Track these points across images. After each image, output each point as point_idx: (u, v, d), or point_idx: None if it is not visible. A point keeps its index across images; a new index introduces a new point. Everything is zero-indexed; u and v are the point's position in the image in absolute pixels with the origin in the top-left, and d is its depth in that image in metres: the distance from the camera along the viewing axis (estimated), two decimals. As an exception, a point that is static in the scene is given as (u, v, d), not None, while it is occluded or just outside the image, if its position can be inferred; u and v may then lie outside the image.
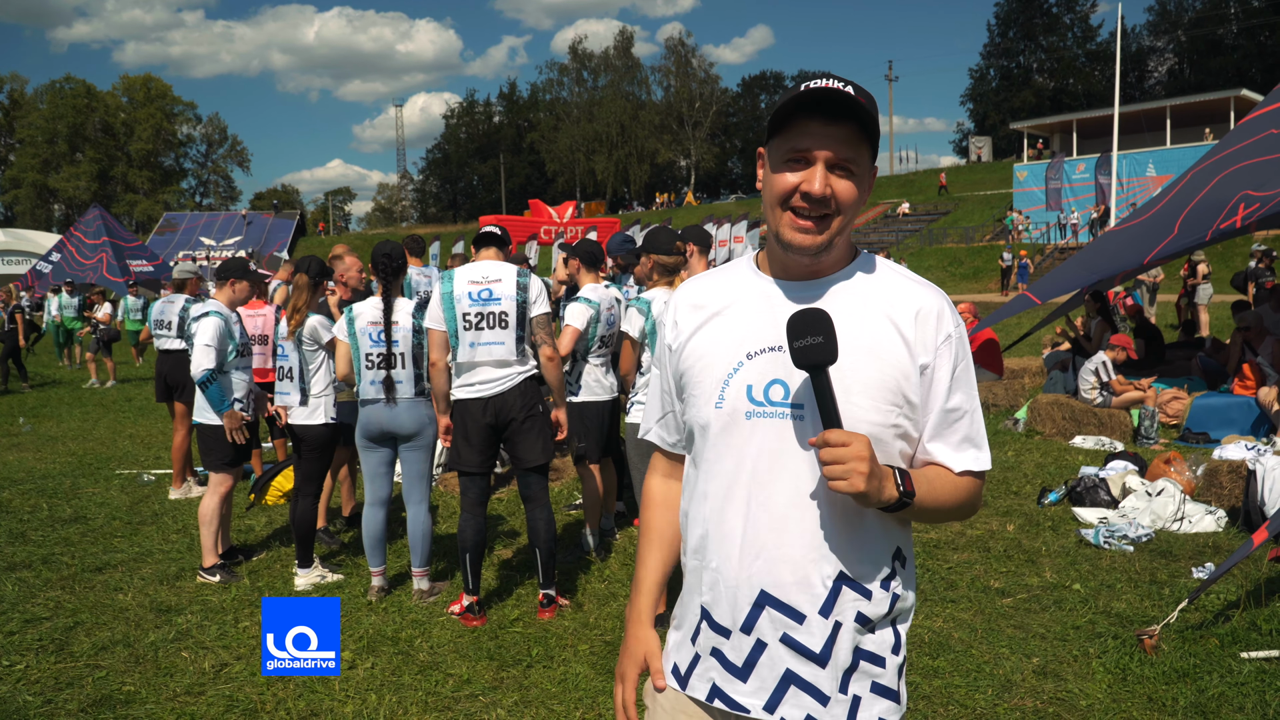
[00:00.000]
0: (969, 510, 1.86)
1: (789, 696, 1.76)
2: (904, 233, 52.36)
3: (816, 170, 1.70)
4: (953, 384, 1.77)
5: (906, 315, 1.76)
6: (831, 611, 1.74)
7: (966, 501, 1.83)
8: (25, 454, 10.59)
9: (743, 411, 1.78)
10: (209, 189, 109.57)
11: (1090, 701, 4.12)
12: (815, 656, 1.75)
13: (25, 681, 4.57)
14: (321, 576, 5.87)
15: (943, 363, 1.76)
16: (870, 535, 1.76)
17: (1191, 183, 9.43)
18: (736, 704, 1.81)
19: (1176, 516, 6.50)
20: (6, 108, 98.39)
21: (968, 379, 1.81)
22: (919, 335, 1.75)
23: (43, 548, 6.75)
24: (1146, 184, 38.92)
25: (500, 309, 5.06)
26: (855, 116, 1.67)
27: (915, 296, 1.78)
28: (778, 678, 1.77)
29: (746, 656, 1.79)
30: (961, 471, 1.80)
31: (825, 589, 1.74)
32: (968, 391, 1.80)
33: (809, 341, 1.65)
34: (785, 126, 1.72)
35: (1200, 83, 69.29)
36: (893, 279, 1.82)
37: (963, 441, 1.80)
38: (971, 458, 1.80)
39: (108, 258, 35.37)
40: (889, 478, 1.66)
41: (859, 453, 1.59)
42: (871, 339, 1.74)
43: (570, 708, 4.20)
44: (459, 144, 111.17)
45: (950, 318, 1.79)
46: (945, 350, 1.77)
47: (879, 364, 1.73)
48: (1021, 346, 15.47)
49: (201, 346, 5.77)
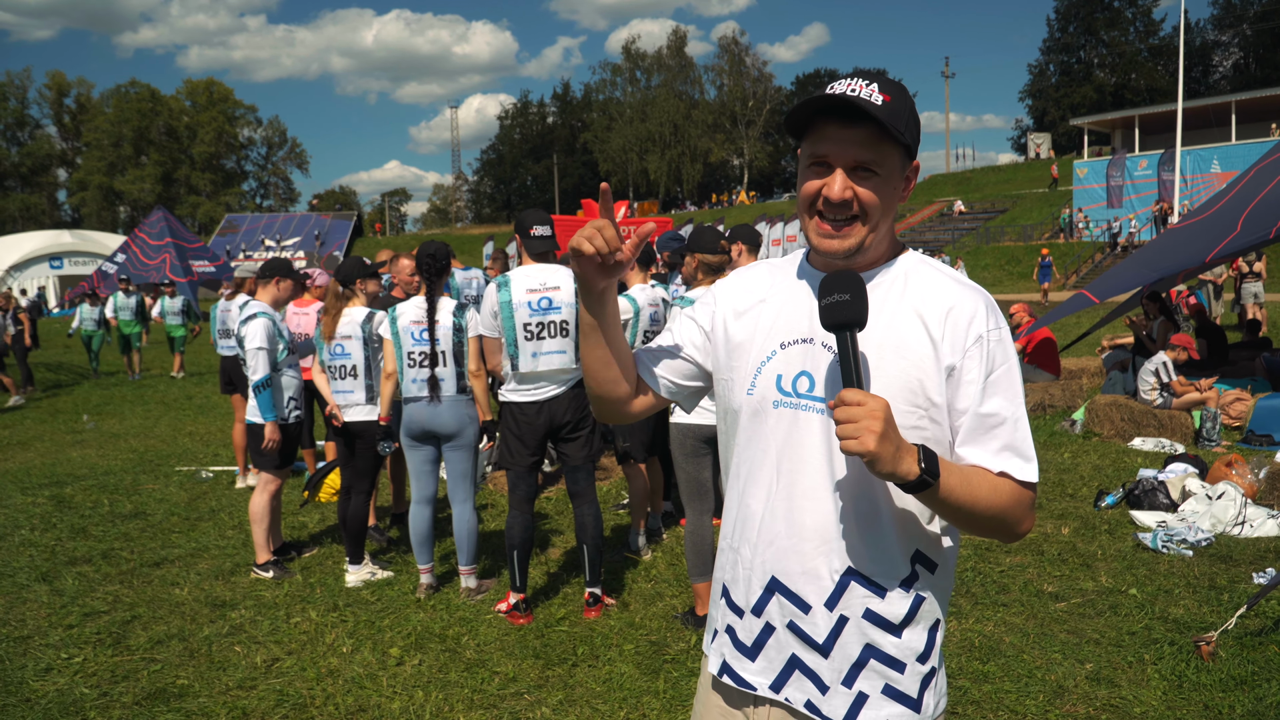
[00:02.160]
0: (1014, 524, 1.72)
1: (793, 679, 1.79)
2: (960, 231, 51.73)
3: (836, 176, 1.68)
4: (987, 388, 1.70)
5: (937, 314, 1.72)
6: (837, 605, 1.74)
7: (1009, 510, 1.69)
8: (88, 450, 10.84)
9: (771, 400, 1.79)
10: (269, 190, 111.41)
11: (1145, 709, 4.03)
12: (818, 646, 1.75)
13: (83, 674, 4.67)
14: (372, 573, 5.94)
15: (972, 364, 1.69)
16: (885, 534, 1.73)
17: (1255, 179, 9.22)
18: (744, 680, 1.84)
19: (1237, 520, 6.34)
20: (74, 112, 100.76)
21: (1008, 384, 1.71)
22: (948, 335, 1.70)
23: (103, 543, 6.91)
24: (1211, 181, 38.08)
25: (561, 318, 5.05)
26: (872, 117, 1.64)
27: (950, 295, 1.74)
28: (784, 660, 1.79)
29: (756, 638, 1.82)
30: (1000, 472, 1.69)
31: (832, 582, 1.73)
32: (1008, 397, 1.71)
33: (835, 299, 1.63)
34: (808, 131, 1.72)
35: (1266, 77, 67.70)
36: (930, 277, 1.78)
37: (1003, 449, 1.70)
38: (1014, 465, 1.69)
39: (171, 258, 36.16)
40: (910, 451, 1.56)
41: (872, 411, 1.52)
42: (897, 336, 1.71)
43: (615, 707, 4.20)
44: (513, 145, 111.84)
45: (986, 319, 1.71)
46: (976, 351, 1.69)
47: (901, 362, 1.70)
48: (1079, 346, 15.21)
49: (254, 350, 5.87)
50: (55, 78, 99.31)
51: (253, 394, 5.96)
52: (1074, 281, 37.12)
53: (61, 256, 53.87)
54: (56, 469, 9.76)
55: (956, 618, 5.08)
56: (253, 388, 5.91)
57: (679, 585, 5.69)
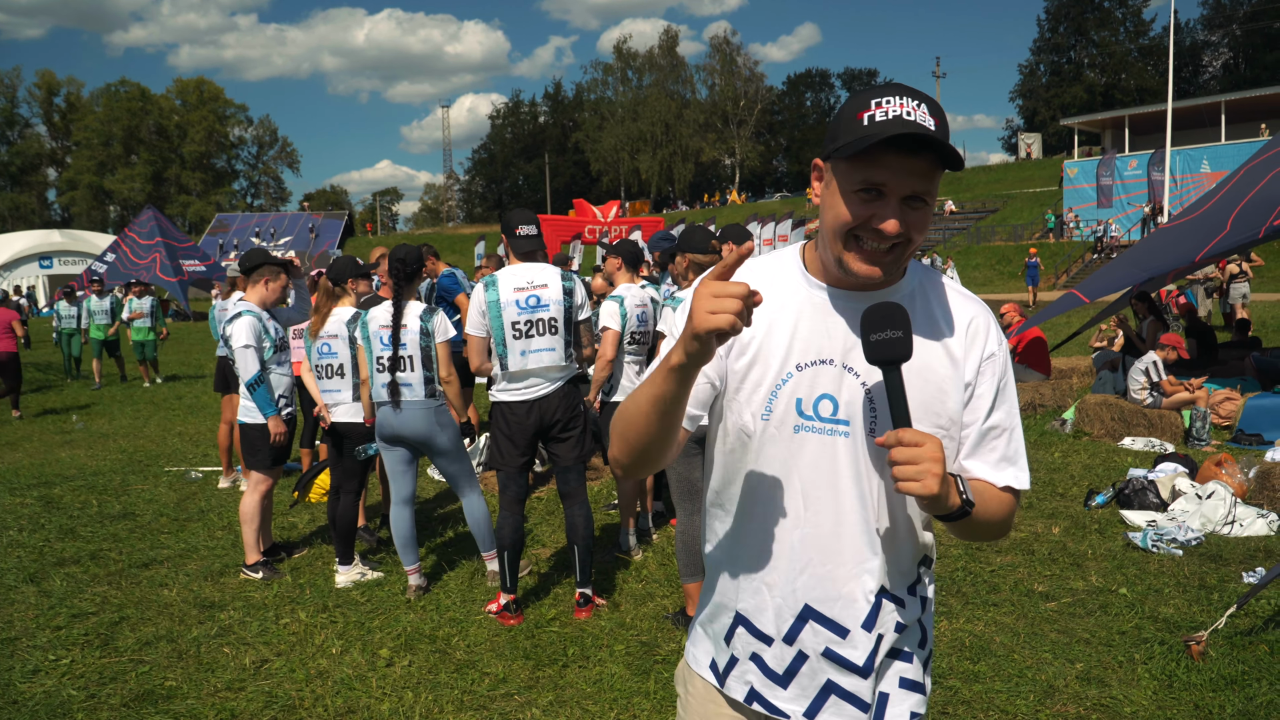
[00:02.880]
0: (1007, 529, 1.81)
1: (829, 705, 1.77)
2: (951, 230, 51.80)
3: (892, 206, 1.59)
4: (995, 402, 1.74)
5: (957, 333, 1.73)
6: (875, 625, 1.74)
7: (1008, 518, 1.78)
8: (77, 451, 10.79)
9: (791, 425, 1.73)
10: (260, 190, 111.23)
11: (1135, 709, 4.03)
12: (859, 669, 1.75)
13: (70, 676, 4.65)
14: (362, 574, 5.92)
15: (985, 380, 1.73)
16: (905, 548, 1.77)
17: (1245, 178, 9.24)
18: (776, 709, 1.81)
19: (1227, 519, 6.36)
20: (64, 111, 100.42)
21: (1008, 395, 1.77)
22: (966, 354, 1.72)
23: (91, 543, 6.87)
24: (1201, 181, 38.22)
25: (549, 315, 5.04)
26: (934, 148, 1.56)
27: (964, 312, 1.76)
28: (818, 687, 1.77)
29: (788, 666, 1.79)
30: (1004, 487, 1.76)
31: (868, 604, 1.74)
32: (1008, 409, 1.76)
33: (888, 335, 1.57)
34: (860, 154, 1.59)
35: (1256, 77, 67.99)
36: (944, 293, 1.78)
37: (1001, 460, 1.76)
38: (1011, 475, 1.76)
39: (161, 258, 35.96)
40: (954, 485, 1.61)
41: (933, 454, 1.52)
42: (922, 360, 1.68)
43: (605, 708, 4.19)
44: (504, 144, 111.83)
45: (995, 335, 1.76)
46: (989, 368, 1.74)
47: (924, 384, 1.69)
48: (1070, 346, 15.25)
49: (241, 349, 5.84)
50: (45, 76, 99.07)
51: (247, 393, 5.93)
52: (1064, 281, 37.23)
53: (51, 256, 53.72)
54: (45, 469, 9.71)
55: (947, 618, 5.08)
56: (246, 386, 5.88)
57: (670, 585, 5.68)
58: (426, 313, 5.46)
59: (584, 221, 30.38)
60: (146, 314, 16.97)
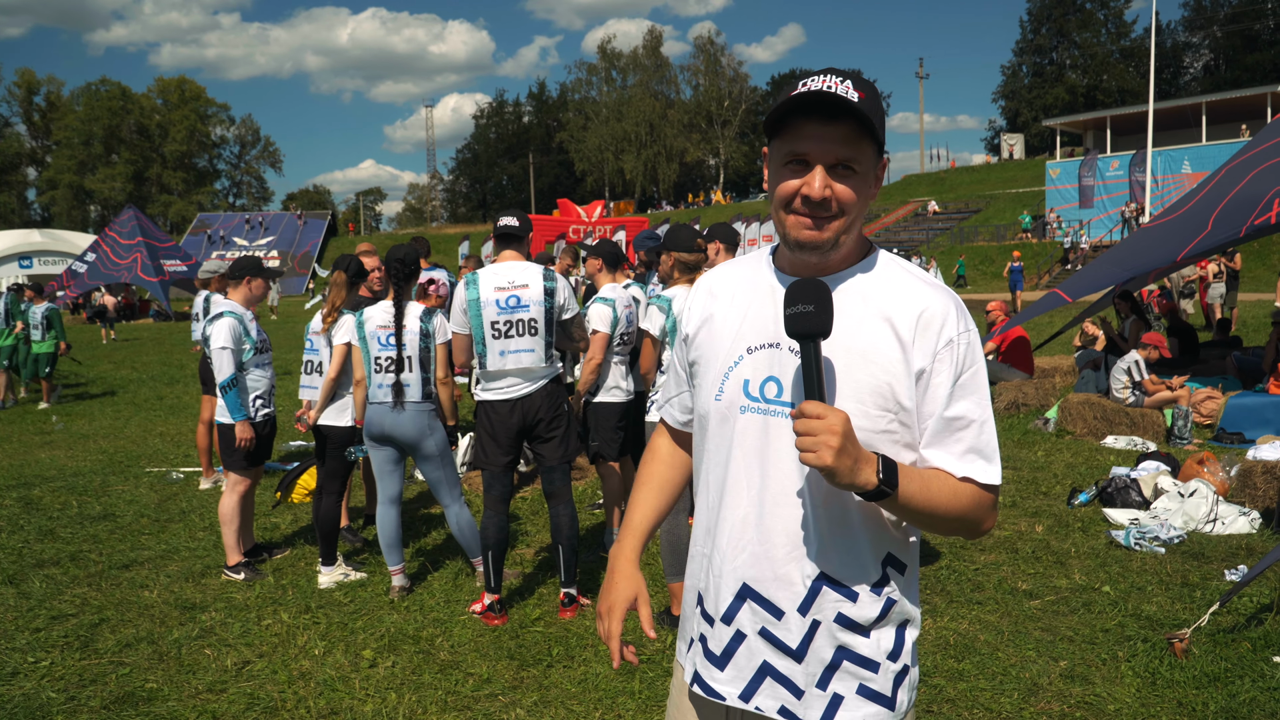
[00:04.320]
0: (974, 524, 1.74)
1: (764, 687, 1.78)
2: (935, 231, 52.02)
3: (816, 174, 1.65)
4: (955, 391, 1.68)
5: (907, 318, 1.69)
6: (810, 610, 1.73)
7: (970, 512, 1.71)
8: (57, 451, 10.70)
9: (738, 405, 1.78)
10: (242, 190, 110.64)
11: (1119, 706, 4.04)
12: (791, 652, 1.75)
13: (50, 678, 4.60)
14: (345, 574, 5.88)
15: (942, 368, 1.68)
16: (857, 538, 1.73)
17: (1226, 178, 9.29)
18: (713, 690, 1.83)
19: (1209, 518, 6.39)
20: (43, 110, 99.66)
21: (975, 386, 1.70)
22: (918, 339, 1.68)
23: (71, 545, 6.81)
24: (1182, 181, 38.44)
25: (529, 315, 5.02)
26: (852, 114, 1.62)
27: (920, 298, 1.71)
28: (754, 669, 1.78)
29: (725, 646, 1.81)
30: (963, 477, 1.70)
31: (804, 588, 1.73)
32: (976, 400, 1.70)
33: (800, 309, 1.62)
34: (783, 128, 1.69)
35: (1236, 79, 68.50)
36: (900, 279, 1.75)
37: (968, 452, 1.70)
38: (978, 469, 1.70)
39: (142, 258, 35.79)
40: (869, 462, 1.57)
41: (831, 425, 1.52)
42: (866, 341, 1.69)
43: (590, 708, 4.17)
44: (489, 144, 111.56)
45: (957, 322, 1.70)
46: (946, 355, 1.68)
47: (870, 367, 1.68)
48: (1053, 345, 15.32)
49: (218, 350, 5.80)
50: (25, 75, 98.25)
51: (219, 394, 5.90)
52: (1046, 281, 37.38)
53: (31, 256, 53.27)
54: (24, 470, 9.62)
55: (931, 616, 5.09)
56: (219, 388, 5.84)
57: (655, 585, 5.66)
58: (426, 314, 5.43)
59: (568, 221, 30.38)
60: (39, 324, 14.08)
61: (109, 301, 34.84)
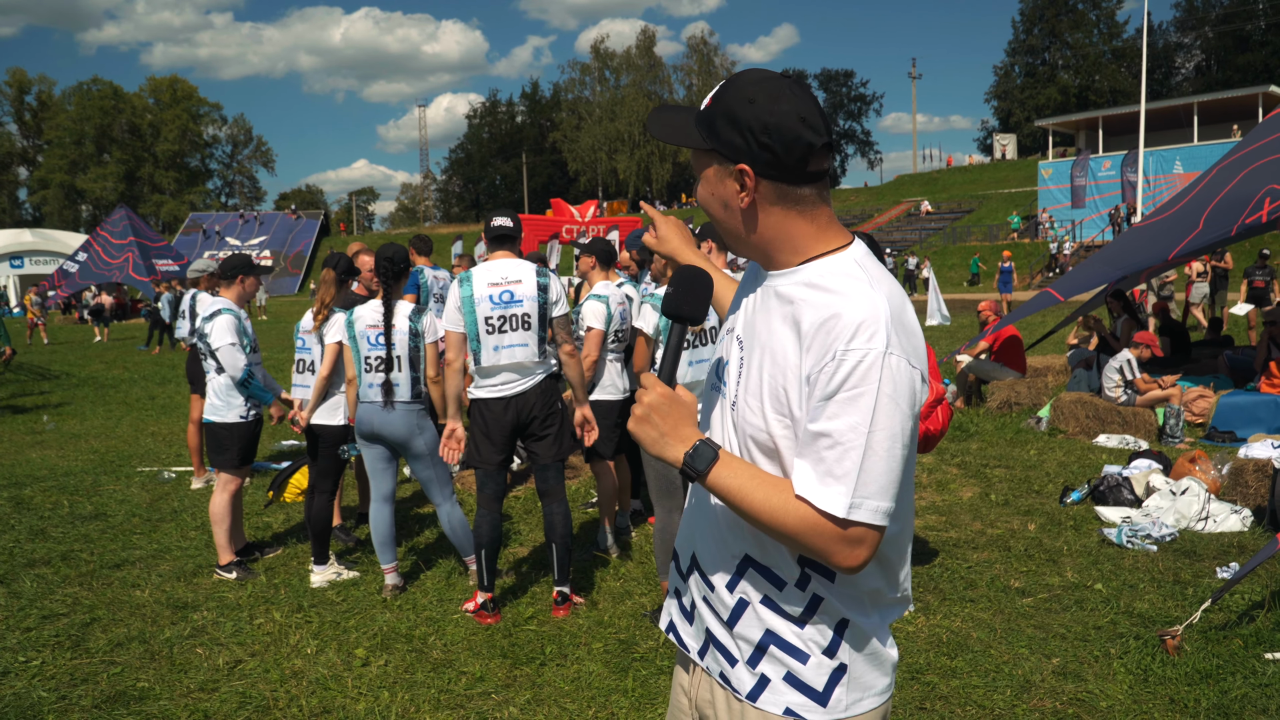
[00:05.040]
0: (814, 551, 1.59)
1: (710, 651, 1.84)
2: (928, 231, 52.12)
3: None
4: (829, 405, 1.55)
5: (813, 321, 1.60)
6: (736, 588, 1.77)
7: (799, 534, 1.57)
8: (48, 451, 10.66)
9: (708, 384, 1.93)
10: (234, 189, 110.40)
11: (1111, 703, 4.05)
12: (725, 622, 1.80)
13: (41, 677, 4.58)
14: (337, 574, 5.87)
15: (823, 378, 1.56)
16: None
17: (1217, 178, 9.32)
18: (683, 642, 1.93)
19: (1201, 515, 6.41)
20: (35, 109, 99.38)
21: (856, 409, 1.53)
22: (814, 344, 1.59)
23: (62, 544, 6.79)
24: (1174, 181, 38.57)
25: (523, 311, 5.02)
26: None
27: (835, 305, 1.60)
28: (703, 631, 1.86)
29: (690, 606, 1.90)
30: (799, 495, 1.57)
31: (733, 566, 1.78)
32: (853, 424, 1.53)
33: (670, 290, 1.77)
34: None
35: (1228, 79, 68.79)
36: (833, 283, 1.65)
37: (825, 475, 1.55)
38: (821, 493, 1.54)
39: (134, 257, 35.71)
40: (683, 440, 1.66)
41: (644, 397, 1.67)
42: (777, 342, 1.67)
43: (583, 706, 4.17)
44: (482, 144, 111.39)
45: (854, 337, 1.55)
46: (831, 366, 1.55)
47: (772, 368, 1.66)
48: (1045, 344, 15.35)
49: (226, 346, 5.78)
50: (16, 74, 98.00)
51: (213, 392, 5.88)
52: (1039, 281, 37.47)
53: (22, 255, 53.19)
54: (15, 470, 9.59)
55: (924, 613, 5.09)
56: (239, 383, 5.82)
57: (648, 583, 5.66)
58: (415, 313, 5.43)
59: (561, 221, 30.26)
60: None
61: (105, 301, 34.73)
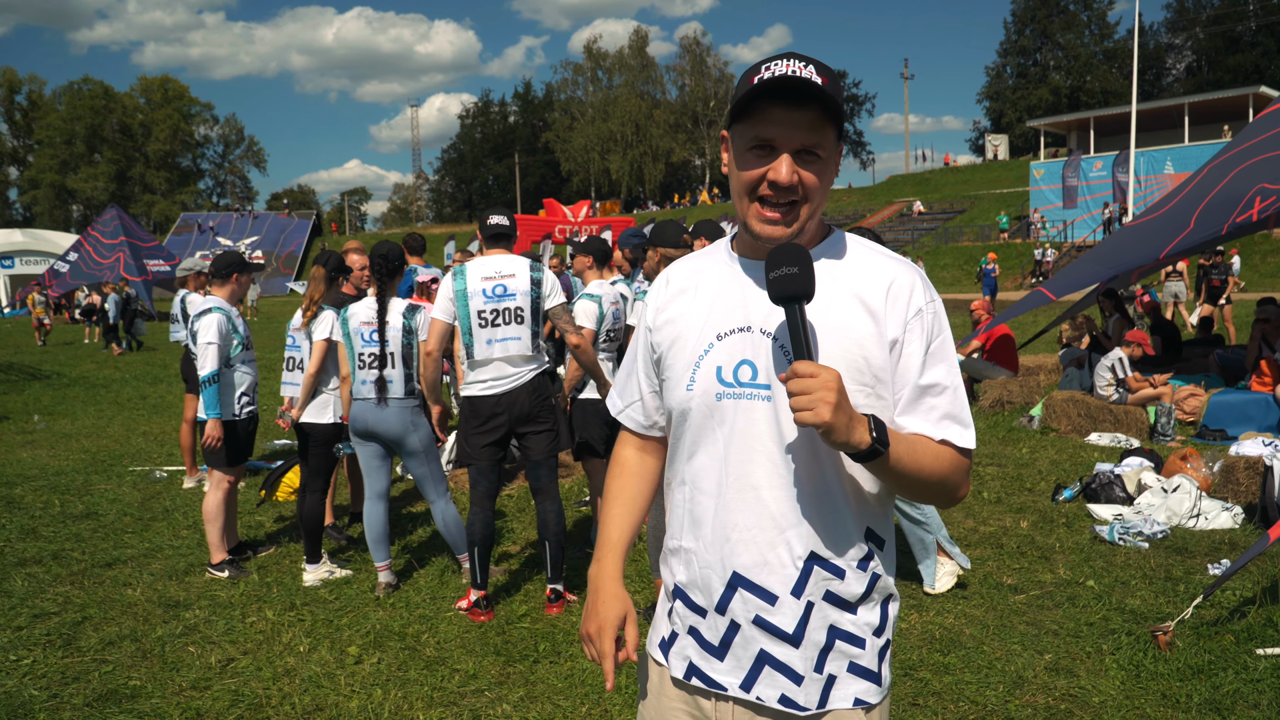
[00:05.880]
0: (953, 489, 1.74)
1: (764, 676, 1.75)
2: (920, 231, 52.16)
3: (783, 160, 1.64)
4: (927, 359, 1.70)
5: (876, 291, 1.70)
6: (803, 592, 1.71)
7: (950, 475, 1.71)
8: (39, 451, 10.62)
9: (713, 393, 1.76)
10: (226, 189, 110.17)
11: (1103, 698, 4.06)
12: (788, 637, 1.72)
13: (32, 676, 4.56)
14: (330, 572, 5.86)
15: (914, 337, 1.70)
16: (842, 514, 1.72)
17: (1208, 177, 9.34)
18: (714, 681, 1.80)
19: (1192, 513, 6.43)
20: (25, 109, 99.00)
21: (945, 354, 1.73)
22: (889, 310, 1.70)
23: (53, 543, 6.76)
24: (1164, 182, 38.65)
25: (515, 304, 5.02)
26: (818, 99, 1.61)
27: (886, 271, 1.73)
28: (753, 657, 1.75)
29: (723, 636, 1.78)
30: (941, 440, 1.70)
31: (796, 570, 1.71)
32: (947, 367, 1.72)
33: (784, 272, 1.60)
34: (748, 113, 1.67)
35: (1218, 80, 69.00)
36: (863, 255, 1.77)
37: (943, 418, 1.71)
38: (954, 432, 1.71)
39: (125, 257, 35.54)
40: (861, 421, 1.56)
41: (826, 382, 1.51)
42: (838, 318, 1.69)
43: (576, 703, 4.17)
44: (474, 144, 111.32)
45: (924, 292, 1.72)
46: (916, 325, 1.70)
47: (844, 342, 1.68)
48: (1037, 343, 15.38)
49: (204, 345, 5.76)
50: (6, 74, 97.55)
51: (200, 388, 5.87)
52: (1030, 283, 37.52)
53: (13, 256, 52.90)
54: (6, 469, 9.54)
55: (917, 610, 5.10)
56: (201, 381, 5.80)
57: (641, 581, 5.66)
58: (409, 310, 5.43)
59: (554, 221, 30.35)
60: None
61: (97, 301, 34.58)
